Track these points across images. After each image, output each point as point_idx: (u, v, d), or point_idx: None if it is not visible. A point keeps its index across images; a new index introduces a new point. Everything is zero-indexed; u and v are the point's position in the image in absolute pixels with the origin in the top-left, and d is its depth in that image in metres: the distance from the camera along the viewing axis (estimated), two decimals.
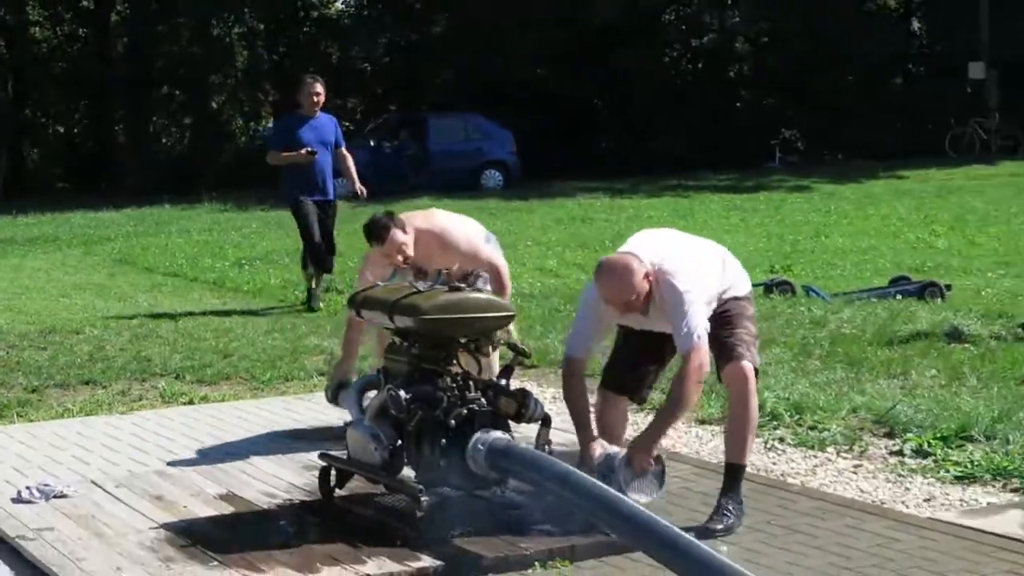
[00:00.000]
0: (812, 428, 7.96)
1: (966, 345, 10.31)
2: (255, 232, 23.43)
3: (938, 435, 7.54)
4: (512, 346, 6.29)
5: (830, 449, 7.62)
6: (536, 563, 5.65)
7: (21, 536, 6.05)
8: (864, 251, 16.86)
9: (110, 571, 5.58)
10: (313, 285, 13.65)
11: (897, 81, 41.06)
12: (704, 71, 41.04)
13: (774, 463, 7.40)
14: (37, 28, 42.19)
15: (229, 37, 41.93)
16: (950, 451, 7.31)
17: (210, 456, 7.67)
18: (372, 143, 31.86)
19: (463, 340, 6.26)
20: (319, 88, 13.47)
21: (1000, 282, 13.71)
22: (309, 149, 13.17)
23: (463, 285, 6.31)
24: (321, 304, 13.53)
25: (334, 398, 7.60)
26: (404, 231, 7.55)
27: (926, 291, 13.30)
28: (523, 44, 35.79)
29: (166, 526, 6.21)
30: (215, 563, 5.65)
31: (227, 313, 13.51)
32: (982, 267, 14.83)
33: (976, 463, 7.06)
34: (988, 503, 6.53)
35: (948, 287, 13.52)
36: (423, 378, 6.14)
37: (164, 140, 42.30)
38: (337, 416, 7.67)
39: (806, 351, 10.10)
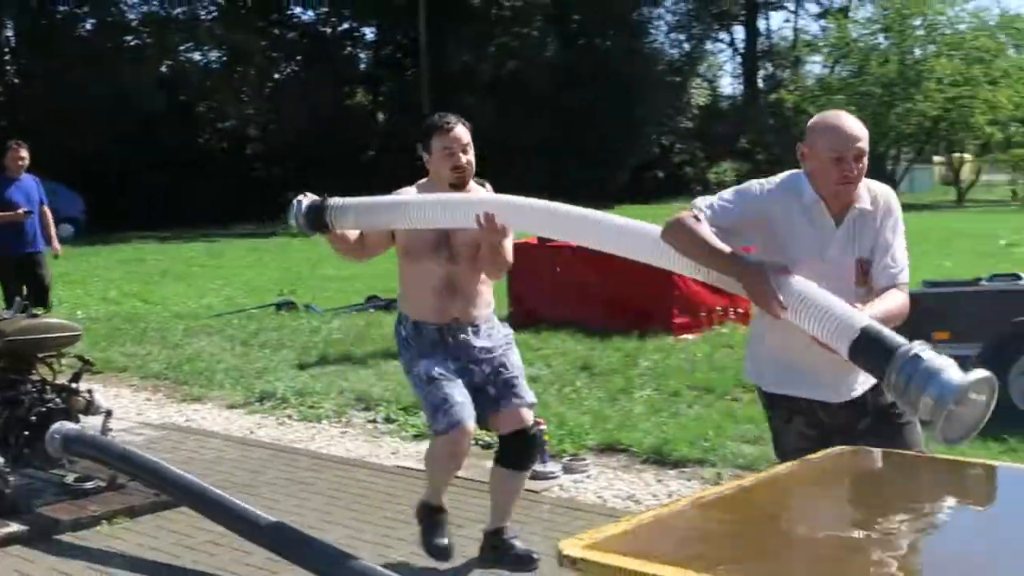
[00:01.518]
0: (311, 407, 8.02)
1: None
2: None
3: (401, 406, 7.77)
4: (80, 357, 6.03)
5: (324, 421, 7.70)
6: (103, 521, 5.42)
7: None
8: (347, 278, 17.05)
9: None
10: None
11: (371, 154, 41.92)
12: (229, 148, 40.52)
13: (284, 434, 7.40)
14: None
15: None
16: (409, 418, 7.54)
17: None
18: None
19: (40, 355, 5.95)
20: (24, 153, 11.07)
21: None
22: (26, 210, 10.86)
23: (39, 313, 5.97)
24: None
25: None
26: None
27: (392, 304, 13.58)
28: (92, 127, 34.36)
29: None
30: None
31: None
32: None
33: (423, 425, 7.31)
34: None
35: None
36: (9, 385, 5.80)
37: None
38: None
39: (307, 352, 10.13)
